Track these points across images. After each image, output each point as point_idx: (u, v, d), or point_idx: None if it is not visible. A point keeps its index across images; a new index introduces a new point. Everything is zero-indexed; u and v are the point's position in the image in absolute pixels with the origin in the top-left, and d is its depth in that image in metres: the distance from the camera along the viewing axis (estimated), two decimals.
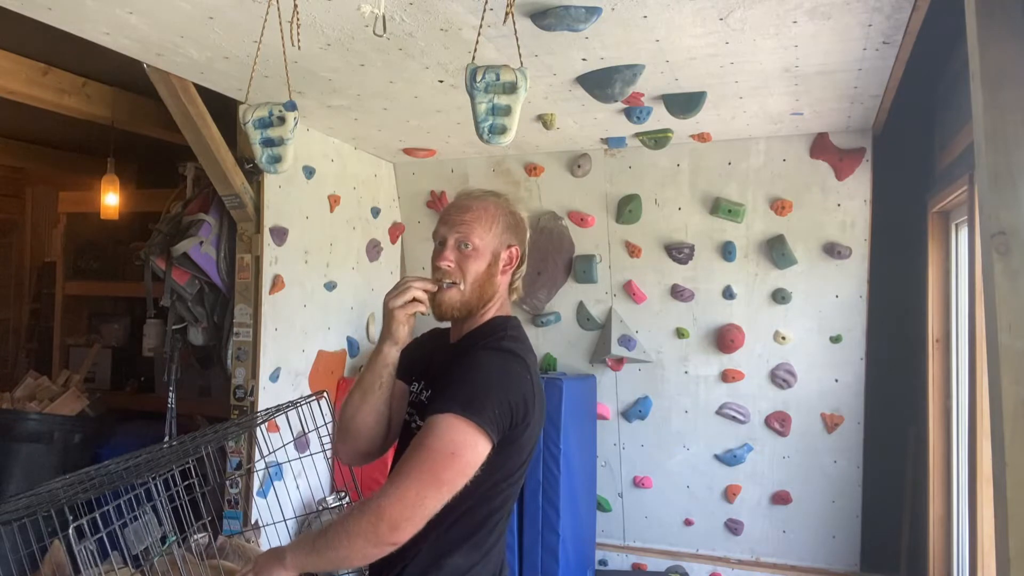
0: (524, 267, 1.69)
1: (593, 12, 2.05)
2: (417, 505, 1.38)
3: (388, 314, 1.60)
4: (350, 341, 3.87)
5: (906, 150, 3.46)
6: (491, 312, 1.64)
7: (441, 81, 2.70)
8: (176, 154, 3.61)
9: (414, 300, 1.59)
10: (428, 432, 1.43)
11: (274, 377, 3.31)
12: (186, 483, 1.94)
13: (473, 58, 1.78)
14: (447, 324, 1.72)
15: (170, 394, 3.52)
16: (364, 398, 1.65)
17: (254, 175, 3.20)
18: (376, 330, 4.08)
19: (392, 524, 1.37)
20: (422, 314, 1.61)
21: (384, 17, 1.75)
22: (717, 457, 3.72)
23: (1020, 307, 1.25)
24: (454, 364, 1.55)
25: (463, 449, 1.41)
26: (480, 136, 1.79)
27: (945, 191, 2.82)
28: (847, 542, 3.52)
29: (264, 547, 2.97)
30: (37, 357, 5.19)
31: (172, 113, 2.93)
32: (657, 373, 3.80)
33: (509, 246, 1.63)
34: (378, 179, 4.08)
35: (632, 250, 3.80)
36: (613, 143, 3.65)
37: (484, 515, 1.53)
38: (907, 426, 3.52)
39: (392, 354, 1.63)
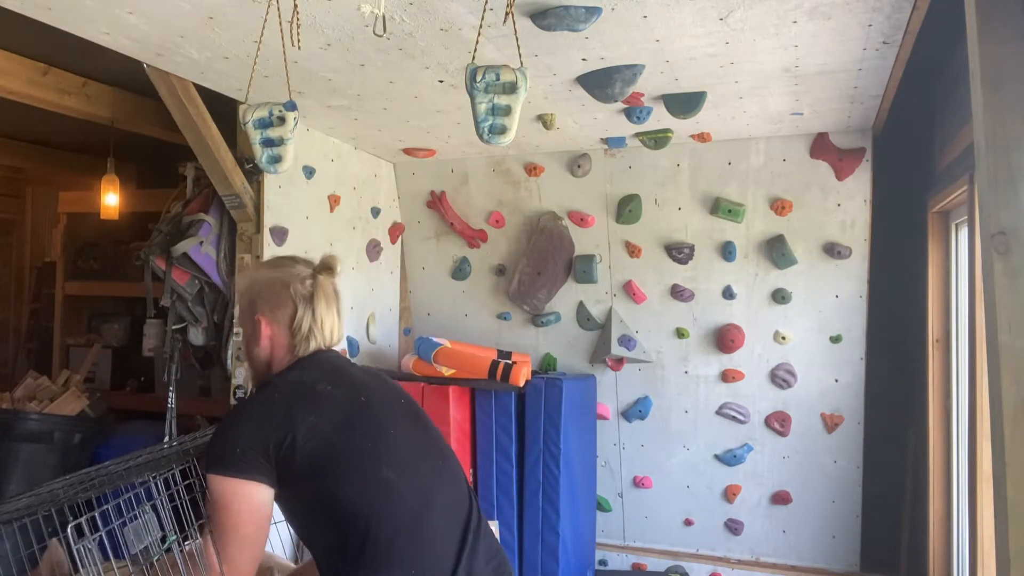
0: (302, 316, 1.68)
1: (593, 12, 2.05)
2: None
3: None
4: (350, 341, 3.87)
5: (906, 150, 3.46)
6: (275, 372, 1.71)
7: (441, 81, 2.70)
8: (176, 154, 3.61)
9: None
10: (208, 500, 1.53)
11: None
12: (186, 483, 1.94)
13: (473, 58, 1.78)
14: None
15: (170, 394, 3.52)
16: None
17: (254, 175, 3.20)
18: (376, 331, 4.08)
19: None
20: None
21: (384, 17, 1.75)
22: (717, 457, 3.72)
23: (1020, 307, 1.25)
24: None
25: (234, 500, 1.48)
26: (480, 136, 1.79)
27: (945, 191, 2.82)
28: (847, 542, 3.52)
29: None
30: (37, 357, 5.19)
31: (172, 113, 2.93)
32: (657, 373, 3.81)
33: (255, 318, 1.70)
34: (378, 179, 4.08)
35: (632, 250, 3.80)
36: (613, 143, 3.65)
37: (357, 542, 1.51)
38: (907, 426, 3.52)
39: None
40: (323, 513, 1.51)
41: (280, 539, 2.81)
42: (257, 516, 1.48)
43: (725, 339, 3.65)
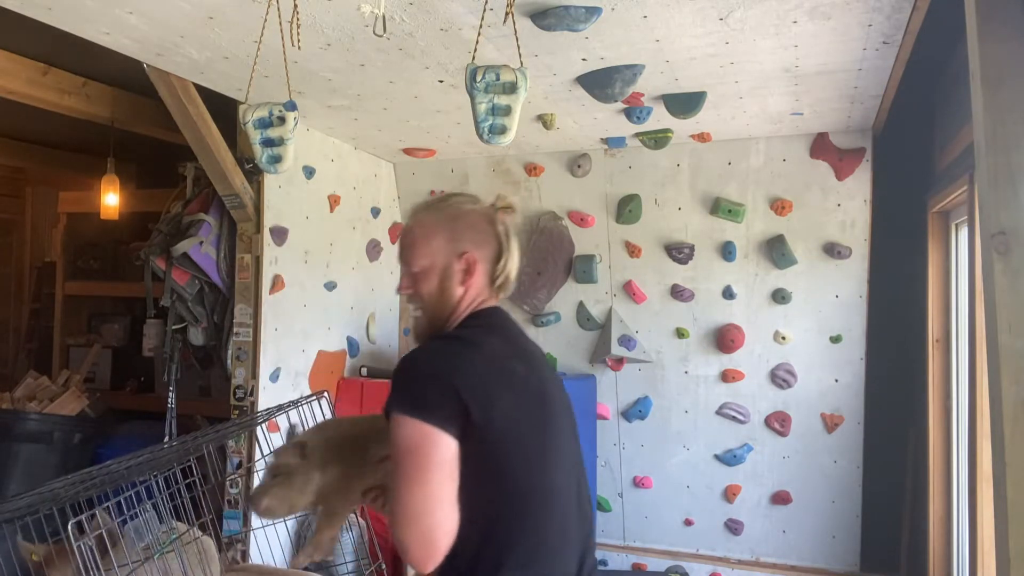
0: (505, 260, 1.52)
1: (593, 12, 2.05)
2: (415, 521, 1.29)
3: None
4: (350, 341, 3.87)
5: (906, 150, 3.46)
6: (460, 319, 1.52)
7: (441, 81, 2.70)
8: (176, 154, 3.61)
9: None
10: (391, 443, 1.34)
11: (274, 377, 3.31)
12: (187, 482, 1.94)
13: (473, 58, 1.78)
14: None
15: (170, 394, 3.52)
16: None
17: (254, 175, 3.20)
18: (376, 330, 4.08)
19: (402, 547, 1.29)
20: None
21: (384, 17, 1.75)
22: (717, 457, 3.72)
23: (1020, 307, 1.26)
24: None
25: (423, 445, 1.29)
26: (480, 136, 1.79)
27: (945, 191, 2.82)
28: (847, 542, 3.52)
29: (255, 551, 2.98)
30: (37, 357, 5.19)
31: (172, 113, 2.93)
32: (657, 373, 3.81)
33: (461, 254, 1.49)
34: (378, 179, 4.08)
35: (632, 250, 3.80)
36: (613, 143, 3.65)
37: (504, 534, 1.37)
38: (907, 426, 3.52)
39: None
40: (477, 499, 1.36)
41: (279, 540, 2.81)
42: (446, 469, 1.30)
43: (725, 339, 3.65)
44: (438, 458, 1.29)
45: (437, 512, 1.28)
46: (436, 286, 1.50)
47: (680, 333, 3.76)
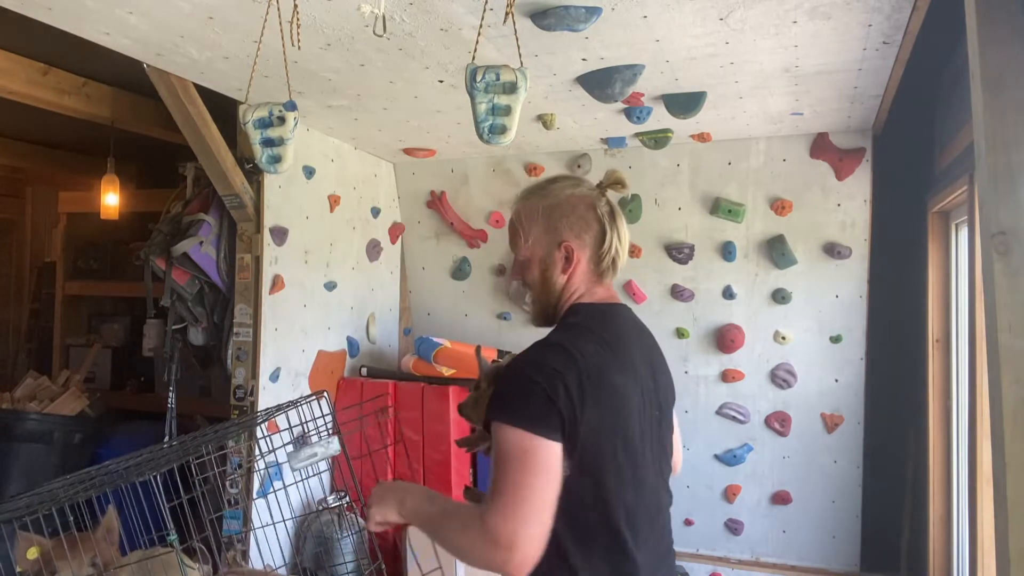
0: (609, 242, 1.50)
1: (593, 12, 2.05)
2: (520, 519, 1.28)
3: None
4: (350, 341, 3.87)
5: (906, 150, 3.46)
6: (564, 308, 1.53)
7: (441, 81, 2.70)
8: (176, 154, 3.61)
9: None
10: (494, 447, 1.35)
11: (274, 377, 3.31)
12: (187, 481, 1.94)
13: (473, 58, 1.78)
14: None
15: (170, 394, 3.52)
16: None
17: (254, 175, 3.20)
18: (376, 330, 4.08)
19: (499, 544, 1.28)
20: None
21: (384, 17, 1.75)
22: (717, 457, 3.72)
23: (1020, 307, 1.25)
24: None
25: (526, 454, 1.29)
26: (480, 136, 1.79)
27: (945, 191, 2.82)
28: (847, 542, 3.52)
29: (255, 551, 2.98)
30: (37, 357, 5.19)
31: (172, 113, 2.93)
32: None
33: (560, 243, 1.49)
34: (378, 179, 4.08)
35: (632, 250, 3.80)
36: (613, 143, 3.65)
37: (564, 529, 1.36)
38: (907, 426, 3.52)
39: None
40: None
41: (280, 541, 2.81)
42: (552, 476, 1.31)
43: (725, 339, 3.65)
44: (543, 463, 1.30)
45: (543, 516, 1.28)
46: (539, 275, 1.52)
47: (680, 333, 3.76)
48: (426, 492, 1.49)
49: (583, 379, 1.34)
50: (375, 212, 4.04)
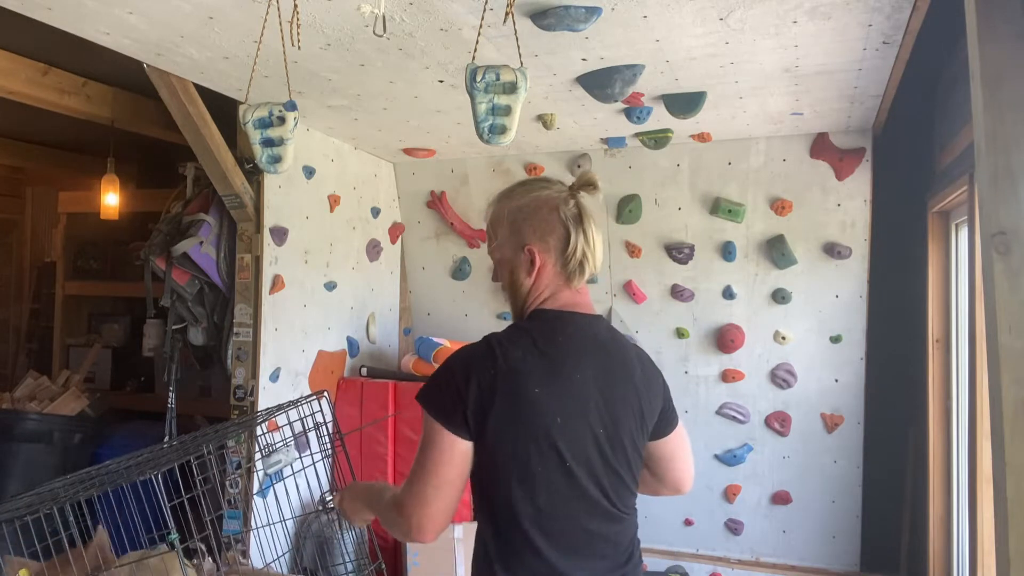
0: (574, 244, 1.49)
1: (593, 12, 2.05)
2: (421, 502, 1.42)
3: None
4: (350, 341, 3.87)
5: (906, 150, 3.46)
6: (530, 310, 1.55)
7: (441, 81, 2.70)
8: (176, 154, 3.61)
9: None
10: None
11: (274, 377, 3.31)
12: (187, 481, 1.94)
13: (473, 58, 1.78)
14: None
15: (170, 394, 3.52)
16: None
17: (254, 175, 3.20)
18: (376, 330, 4.08)
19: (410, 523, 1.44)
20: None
21: (384, 17, 1.75)
22: (717, 457, 3.72)
23: (1020, 307, 1.25)
24: None
25: (432, 434, 1.41)
26: (480, 136, 1.79)
27: (945, 191, 2.82)
28: (847, 542, 3.52)
29: (255, 550, 2.98)
30: (37, 357, 5.19)
31: (172, 113, 2.93)
32: None
33: (524, 246, 1.50)
34: (378, 179, 4.08)
35: (632, 250, 3.80)
36: (613, 143, 3.65)
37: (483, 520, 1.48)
38: (907, 426, 3.52)
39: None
40: (478, 496, 1.50)
41: (278, 540, 2.81)
42: (457, 463, 1.42)
43: (725, 339, 3.65)
44: (447, 453, 1.40)
45: (444, 498, 1.40)
46: (508, 277, 1.56)
47: (680, 333, 3.76)
48: (374, 488, 1.67)
49: (497, 382, 1.39)
50: (375, 212, 4.04)
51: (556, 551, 1.43)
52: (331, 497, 3.35)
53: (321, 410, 2.32)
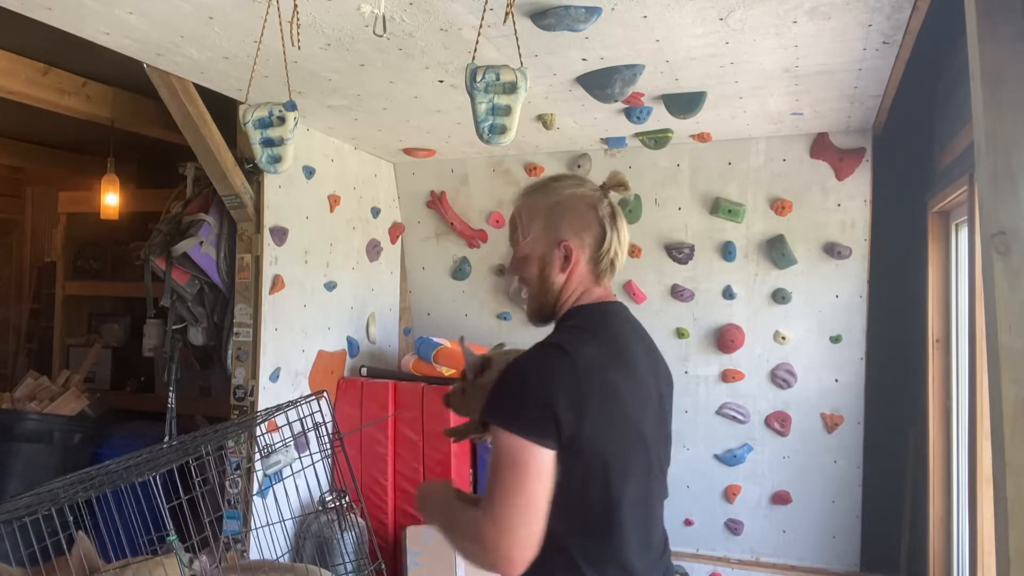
0: (608, 243, 1.49)
1: (593, 12, 2.05)
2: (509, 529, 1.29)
3: None
4: (350, 341, 3.87)
5: (906, 150, 3.46)
6: (564, 309, 1.51)
7: (441, 81, 2.70)
8: (176, 154, 3.61)
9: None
10: (493, 448, 1.36)
11: (274, 377, 3.31)
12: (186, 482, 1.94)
13: (473, 58, 1.78)
14: None
15: (170, 394, 3.52)
16: None
17: (254, 175, 3.20)
18: (376, 330, 4.08)
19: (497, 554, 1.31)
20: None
21: (384, 17, 1.75)
22: (717, 457, 3.72)
23: (1020, 307, 1.25)
24: None
25: (522, 458, 1.30)
26: (480, 136, 1.79)
27: (945, 191, 2.82)
28: (847, 542, 3.52)
29: (255, 551, 2.98)
30: (37, 357, 5.19)
31: (172, 113, 2.93)
32: None
33: (560, 243, 1.48)
34: (378, 179, 4.08)
35: (632, 250, 3.80)
36: (613, 143, 3.65)
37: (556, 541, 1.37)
38: (907, 426, 3.51)
39: None
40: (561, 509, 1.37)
41: (277, 541, 2.81)
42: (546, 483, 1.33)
43: (725, 339, 3.65)
44: (535, 470, 1.30)
45: (533, 522, 1.30)
46: (537, 273, 1.50)
47: (680, 333, 3.76)
48: (441, 503, 1.50)
49: (584, 384, 1.35)
50: (375, 212, 4.04)
51: (642, 548, 1.42)
52: (331, 497, 3.35)
53: (321, 410, 2.32)
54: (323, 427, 2.33)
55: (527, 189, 1.56)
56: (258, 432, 2.92)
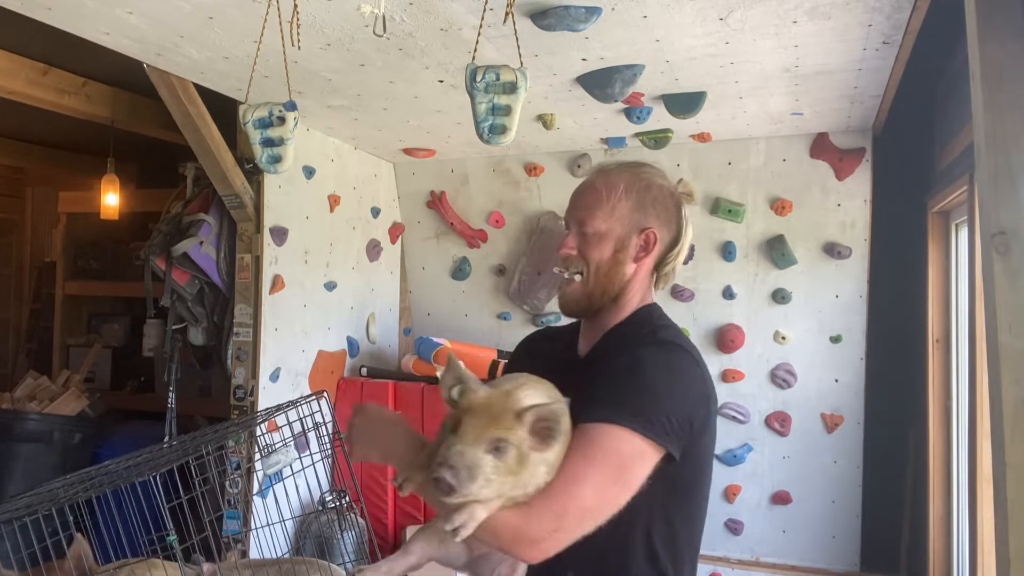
0: (679, 249, 1.41)
1: (593, 12, 2.05)
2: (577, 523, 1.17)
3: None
4: (350, 341, 3.87)
5: (906, 150, 3.46)
6: (631, 304, 1.40)
7: (441, 81, 2.70)
8: (176, 154, 3.61)
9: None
10: (589, 444, 1.19)
11: (274, 377, 3.31)
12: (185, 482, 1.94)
13: (473, 58, 1.78)
14: (565, 320, 1.50)
15: (170, 394, 3.52)
16: None
17: (254, 175, 3.20)
18: (376, 330, 4.08)
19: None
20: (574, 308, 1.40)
21: (384, 17, 1.75)
22: (717, 457, 3.72)
23: (1020, 307, 1.25)
24: (599, 368, 1.31)
25: (633, 463, 1.20)
26: (480, 136, 1.78)
27: (945, 191, 2.82)
28: (847, 542, 3.52)
29: (255, 551, 2.98)
30: (37, 357, 5.19)
31: (172, 113, 2.93)
32: None
33: (643, 229, 1.36)
34: (378, 179, 4.08)
35: None
36: (613, 143, 3.65)
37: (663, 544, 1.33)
38: (907, 426, 3.51)
39: None
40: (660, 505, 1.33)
41: (277, 541, 2.81)
42: (635, 489, 1.23)
43: (725, 339, 3.64)
44: (643, 474, 1.22)
45: (598, 525, 1.19)
46: (608, 256, 1.37)
47: None
48: (404, 445, 1.30)
49: (712, 394, 1.34)
50: (375, 212, 4.04)
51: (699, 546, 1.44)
52: (331, 497, 3.35)
53: (321, 410, 2.31)
54: (323, 427, 2.33)
55: (609, 166, 1.44)
56: (258, 432, 2.92)
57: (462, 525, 1.11)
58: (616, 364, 1.29)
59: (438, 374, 1.23)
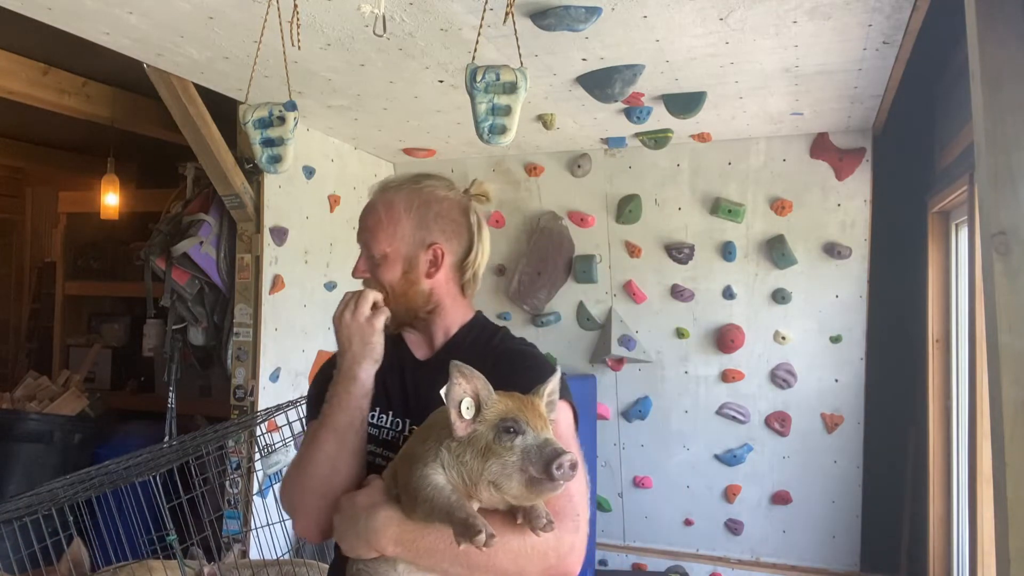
0: (475, 255, 1.40)
1: (593, 12, 2.05)
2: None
3: (356, 329, 1.33)
4: None
5: (906, 150, 3.46)
6: (454, 313, 1.41)
7: (441, 81, 2.70)
8: (176, 154, 3.61)
9: (376, 306, 1.33)
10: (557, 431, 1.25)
11: (274, 377, 3.31)
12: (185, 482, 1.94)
13: (473, 58, 1.78)
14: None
15: (170, 394, 3.52)
16: (343, 444, 1.28)
17: (254, 175, 3.20)
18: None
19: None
20: (386, 327, 1.36)
21: (384, 17, 1.75)
22: (717, 457, 3.72)
23: (1020, 307, 1.25)
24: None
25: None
26: (480, 136, 1.78)
27: (945, 191, 2.82)
28: (847, 542, 3.52)
29: (255, 551, 2.98)
30: (37, 357, 5.19)
31: (172, 113, 2.93)
32: (657, 373, 3.80)
33: (429, 245, 1.36)
34: (378, 179, 4.07)
35: (632, 250, 3.80)
36: (613, 143, 3.65)
37: None
38: (907, 426, 3.52)
39: (371, 377, 1.33)
40: None
41: (277, 541, 2.82)
42: None
43: (725, 339, 3.65)
44: None
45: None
46: (399, 277, 1.37)
47: (680, 333, 3.76)
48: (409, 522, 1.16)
49: None
50: None
51: None
52: None
53: None
54: None
55: (393, 182, 1.44)
56: (258, 432, 2.92)
57: (486, 530, 1.04)
58: (513, 361, 1.37)
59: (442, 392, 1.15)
